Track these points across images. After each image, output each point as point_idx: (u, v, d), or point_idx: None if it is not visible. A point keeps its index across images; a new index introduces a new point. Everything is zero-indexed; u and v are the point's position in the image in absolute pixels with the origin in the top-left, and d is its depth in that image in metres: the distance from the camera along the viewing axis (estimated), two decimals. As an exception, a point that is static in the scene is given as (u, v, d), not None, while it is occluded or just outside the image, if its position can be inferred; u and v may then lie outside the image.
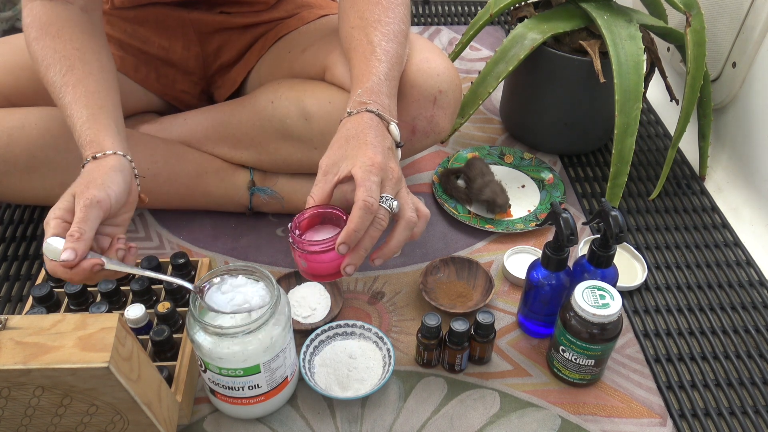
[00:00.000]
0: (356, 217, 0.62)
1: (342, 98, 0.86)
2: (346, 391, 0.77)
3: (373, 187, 0.64)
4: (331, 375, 0.79)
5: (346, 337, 0.83)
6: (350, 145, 0.67)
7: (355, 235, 0.63)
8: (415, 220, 0.67)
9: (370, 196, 0.63)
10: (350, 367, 0.79)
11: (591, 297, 0.73)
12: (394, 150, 0.70)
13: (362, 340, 0.83)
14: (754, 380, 0.82)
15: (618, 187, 1.01)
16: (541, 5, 1.13)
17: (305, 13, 1.00)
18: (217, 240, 0.99)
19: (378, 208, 0.63)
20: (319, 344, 0.82)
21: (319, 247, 0.64)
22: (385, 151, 0.67)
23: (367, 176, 0.64)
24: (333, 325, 0.83)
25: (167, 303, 0.78)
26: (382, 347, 0.81)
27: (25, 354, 0.54)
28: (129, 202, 0.70)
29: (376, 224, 0.64)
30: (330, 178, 0.67)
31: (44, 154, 0.87)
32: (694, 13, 1.00)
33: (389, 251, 0.67)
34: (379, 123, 0.69)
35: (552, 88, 1.11)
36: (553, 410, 0.78)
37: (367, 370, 0.79)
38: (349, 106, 0.71)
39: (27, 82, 0.91)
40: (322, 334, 0.82)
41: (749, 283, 0.95)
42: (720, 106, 1.17)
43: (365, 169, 0.64)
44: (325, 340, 0.82)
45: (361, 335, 0.83)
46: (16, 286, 0.93)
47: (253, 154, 0.95)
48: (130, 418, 0.63)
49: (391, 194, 0.66)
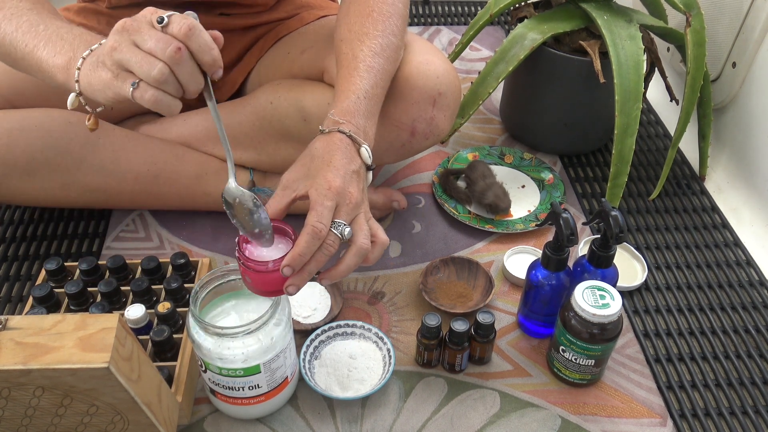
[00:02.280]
0: (303, 241, 0.61)
1: None
2: (347, 392, 0.77)
3: (325, 212, 0.62)
4: (331, 375, 0.79)
5: (346, 337, 0.83)
6: (314, 165, 0.66)
7: (300, 259, 0.61)
8: (368, 247, 0.65)
9: (320, 222, 0.62)
10: (350, 367, 0.79)
11: (591, 297, 0.73)
12: (361, 173, 0.68)
13: (362, 340, 0.83)
14: (754, 380, 0.82)
15: (618, 187, 1.01)
16: (541, 5, 1.13)
17: (305, 14, 1.00)
18: (217, 240, 0.99)
19: (327, 234, 0.62)
20: (319, 344, 0.82)
21: (263, 267, 0.63)
22: (347, 175, 0.66)
23: (321, 200, 0.63)
24: (333, 325, 0.83)
25: (167, 303, 0.78)
26: (382, 347, 0.81)
27: (26, 354, 0.54)
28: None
29: (323, 249, 0.62)
30: (288, 194, 0.67)
31: (44, 155, 0.87)
32: (694, 13, 1.00)
33: (336, 274, 0.65)
34: (349, 145, 0.68)
35: (552, 89, 1.11)
36: (554, 410, 0.78)
37: (367, 370, 0.79)
38: (323, 125, 0.70)
39: (27, 84, 0.91)
40: (322, 335, 0.82)
41: (749, 283, 0.95)
42: (720, 106, 1.17)
43: (321, 192, 0.63)
44: (325, 340, 0.82)
45: (362, 335, 0.83)
46: (16, 286, 0.93)
47: (253, 155, 0.95)
48: (131, 418, 0.63)
49: (346, 220, 0.64)
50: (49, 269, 0.84)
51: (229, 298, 0.72)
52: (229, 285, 0.71)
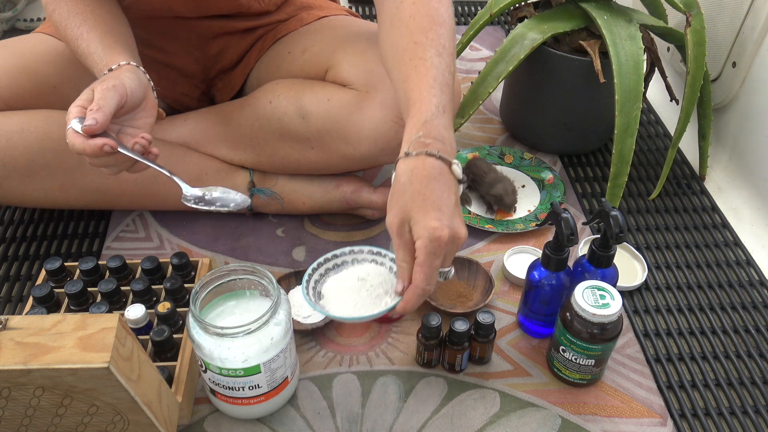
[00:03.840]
0: (413, 299, 0.63)
1: (341, 95, 0.86)
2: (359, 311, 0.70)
3: (434, 274, 0.62)
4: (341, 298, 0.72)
5: (355, 263, 0.76)
6: (415, 203, 0.61)
7: (409, 310, 0.64)
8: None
9: (429, 285, 0.62)
10: (360, 289, 0.72)
11: (591, 297, 0.73)
12: (458, 198, 0.64)
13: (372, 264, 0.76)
14: (754, 380, 0.82)
15: (618, 187, 1.01)
16: (541, 5, 1.13)
17: (304, 15, 1.00)
18: (217, 240, 0.99)
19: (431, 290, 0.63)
20: (325, 272, 0.75)
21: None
22: (452, 214, 0.62)
23: (429, 259, 0.60)
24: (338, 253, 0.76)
25: (167, 303, 0.78)
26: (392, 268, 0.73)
27: (26, 354, 0.54)
28: (147, 107, 0.76)
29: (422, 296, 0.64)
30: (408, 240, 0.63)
31: (43, 158, 0.87)
32: (694, 13, 1.00)
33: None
34: (442, 171, 0.62)
35: (552, 89, 1.11)
36: (554, 410, 0.78)
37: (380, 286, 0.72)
38: (408, 145, 0.64)
39: (26, 86, 0.91)
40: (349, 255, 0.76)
41: (749, 283, 0.95)
42: (720, 106, 1.17)
43: (430, 249, 0.60)
44: (332, 268, 0.76)
45: (373, 261, 0.76)
46: (16, 286, 0.93)
47: (252, 155, 0.95)
48: (131, 418, 0.63)
49: (448, 265, 0.64)
50: (49, 269, 0.84)
51: (229, 298, 0.72)
52: (229, 285, 0.71)
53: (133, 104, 0.73)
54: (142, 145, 0.72)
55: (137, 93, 0.73)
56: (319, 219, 1.04)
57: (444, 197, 0.62)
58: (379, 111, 0.84)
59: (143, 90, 0.75)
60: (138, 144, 0.72)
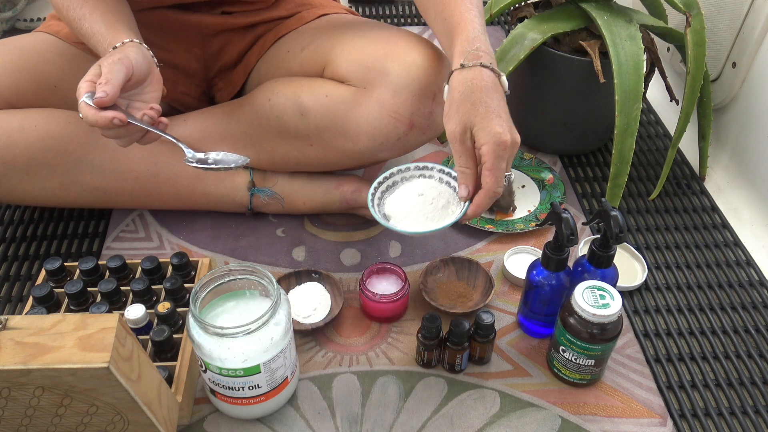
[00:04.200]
0: (483, 201, 0.69)
1: (340, 91, 0.86)
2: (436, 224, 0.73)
3: (502, 175, 0.67)
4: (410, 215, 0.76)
5: (404, 182, 0.80)
6: (477, 111, 0.67)
7: (479, 213, 0.70)
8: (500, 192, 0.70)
9: (498, 186, 0.67)
10: (424, 203, 0.76)
11: (591, 297, 0.73)
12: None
13: (422, 179, 0.80)
14: (754, 380, 0.82)
15: (618, 187, 1.01)
16: (541, 5, 1.13)
17: (304, 13, 1.00)
18: (217, 240, 0.99)
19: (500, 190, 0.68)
20: (381, 195, 0.79)
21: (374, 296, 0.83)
22: (510, 121, 0.69)
23: (497, 163, 0.67)
24: (387, 174, 0.80)
25: (167, 303, 0.78)
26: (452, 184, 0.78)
27: (26, 354, 0.54)
28: (153, 81, 0.77)
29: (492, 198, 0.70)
30: (470, 147, 0.69)
31: (43, 156, 0.88)
32: (694, 13, 1.00)
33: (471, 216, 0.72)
34: (496, 82, 0.70)
35: (552, 88, 1.11)
36: (553, 410, 0.78)
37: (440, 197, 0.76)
38: (460, 57, 0.71)
39: (26, 84, 0.91)
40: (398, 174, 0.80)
41: (749, 283, 0.95)
42: (720, 106, 1.17)
43: (497, 153, 0.66)
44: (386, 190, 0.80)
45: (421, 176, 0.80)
46: (16, 286, 0.93)
47: (251, 154, 0.95)
48: (131, 418, 0.63)
49: (509, 169, 0.69)
50: (49, 269, 0.84)
51: (229, 298, 0.72)
52: (229, 285, 0.71)
53: (139, 78, 0.75)
54: (150, 117, 0.74)
55: (142, 67, 0.75)
56: (320, 219, 1.04)
57: (502, 105, 0.69)
58: (377, 106, 0.84)
59: (148, 65, 0.76)
60: (147, 115, 0.73)
